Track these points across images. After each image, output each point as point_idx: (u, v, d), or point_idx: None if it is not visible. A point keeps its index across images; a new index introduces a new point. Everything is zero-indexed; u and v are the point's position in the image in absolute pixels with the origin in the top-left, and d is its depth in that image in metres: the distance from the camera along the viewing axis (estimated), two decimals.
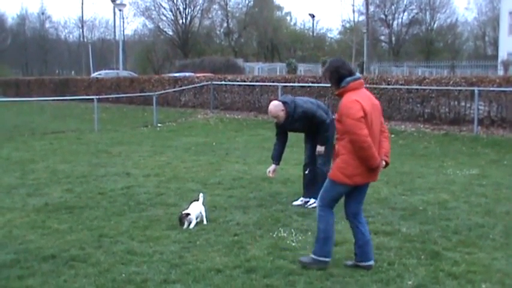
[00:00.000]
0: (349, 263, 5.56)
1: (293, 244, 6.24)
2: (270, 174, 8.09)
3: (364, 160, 5.15)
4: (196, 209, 7.12)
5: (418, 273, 5.32)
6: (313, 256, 5.48)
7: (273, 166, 8.08)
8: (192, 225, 6.94)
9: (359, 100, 5.13)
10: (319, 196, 5.53)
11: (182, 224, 6.92)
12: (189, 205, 7.20)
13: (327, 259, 5.45)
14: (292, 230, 6.73)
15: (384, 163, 5.35)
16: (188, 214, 6.96)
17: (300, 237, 6.47)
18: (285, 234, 6.58)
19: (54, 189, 9.30)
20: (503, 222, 7.10)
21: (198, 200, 7.36)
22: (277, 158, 8.14)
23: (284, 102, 7.84)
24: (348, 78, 5.25)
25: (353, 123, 5.06)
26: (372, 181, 5.48)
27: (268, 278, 5.24)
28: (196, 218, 7.06)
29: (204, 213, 7.21)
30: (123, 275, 5.35)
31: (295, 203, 8.11)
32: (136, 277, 5.29)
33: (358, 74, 5.38)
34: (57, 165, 11.61)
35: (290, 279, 5.20)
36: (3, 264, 5.68)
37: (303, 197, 8.16)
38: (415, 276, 5.23)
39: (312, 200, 7.87)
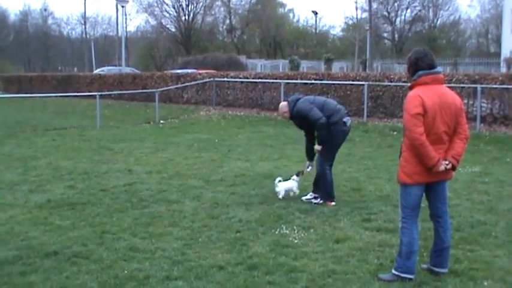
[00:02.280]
0: (424, 266, 5.35)
1: (295, 241, 6.24)
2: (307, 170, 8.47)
3: (420, 158, 4.90)
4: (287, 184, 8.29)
5: (420, 270, 5.31)
6: (394, 272, 5.12)
7: (307, 163, 8.48)
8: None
9: (422, 96, 4.85)
10: (399, 207, 5.20)
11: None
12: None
13: (410, 276, 5.07)
14: (295, 227, 6.73)
15: (449, 165, 4.98)
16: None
17: (302, 234, 6.47)
18: (287, 231, 6.58)
19: (56, 185, 9.31)
20: (506, 219, 7.09)
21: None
22: (306, 156, 8.49)
23: (288, 102, 8.20)
24: (420, 72, 4.96)
25: (408, 119, 4.84)
26: (443, 180, 5.15)
27: (270, 275, 5.24)
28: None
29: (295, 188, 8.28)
30: (125, 271, 5.35)
31: (304, 197, 8.19)
32: (138, 274, 5.29)
33: (437, 69, 5.05)
34: (60, 162, 11.62)
35: (292, 276, 5.20)
36: (6, 260, 5.69)
37: (312, 192, 8.26)
38: (417, 274, 5.22)
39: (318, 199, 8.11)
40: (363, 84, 17.72)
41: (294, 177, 8.40)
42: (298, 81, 20.25)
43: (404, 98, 17.98)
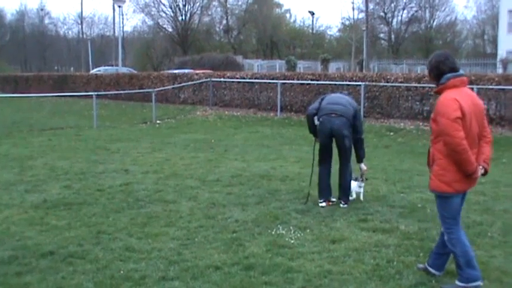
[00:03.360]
0: (421, 266, 5.31)
1: (291, 241, 6.24)
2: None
3: (459, 165, 4.71)
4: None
5: (416, 270, 5.32)
6: (459, 283, 4.90)
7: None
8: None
9: (458, 99, 4.66)
10: (440, 218, 5.00)
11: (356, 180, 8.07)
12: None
13: (478, 282, 4.86)
14: (291, 227, 6.72)
15: (482, 170, 4.84)
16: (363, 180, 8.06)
17: (299, 235, 6.47)
18: (284, 232, 6.57)
19: (52, 185, 9.29)
20: (502, 220, 7.10)
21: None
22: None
23: None
24: (449, 75, 4.80)
25: (448, 123, 4.61)
26: (472, 187, 5.00)
27: (267, 275, 5.24)
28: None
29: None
30: (122, 271, 5.34)
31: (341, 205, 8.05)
32: (134, 274, 5.29)
33: (461, 71, 4.91)
34: (56, 162, 11.60)
35: (288, 277, 5.20)
36: (1, 260, 5.67)
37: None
38: (414, 274, 5.23)
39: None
40: (360, 85, 17.75)
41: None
42: (295, 81, 20.26)
43: (400, 99, 17.94)
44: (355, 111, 7.88)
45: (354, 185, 8.09)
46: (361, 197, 8.09)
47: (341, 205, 7.81)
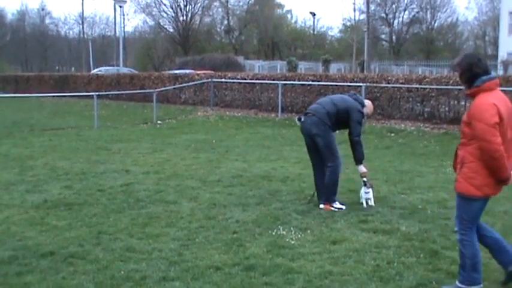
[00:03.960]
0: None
1: (292, 242, 6.24)
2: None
3: (492, 170, 4.59)
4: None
5: (417, 271, 5.32)
6: (460, 285, 4.85)
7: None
8: (366, 203, 7.80)
9: (496, 103, 4.51)
10: (456, 218, 4.92)
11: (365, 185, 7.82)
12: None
13: (479, 286, 4.82)
14: (292, 228, 6.72)
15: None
16: (371, 186, 7.85)
17: (299, 235, 6.47)
18: (284, 232, 6.57)
19: (53, 186, 9.29)
20: (502, 221, 7.10)
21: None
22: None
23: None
24: (484, 77, 4.61)
25: (486, 128, 4.45)
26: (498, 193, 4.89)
27: (267, 275, 5.24)
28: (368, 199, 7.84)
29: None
30: (122, 272, 5.34)
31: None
32: (135, 274, 5.29)
33: (493, 73, 4.79)
34: (57, 162, 11.60)
35: (289, 277, 5.20)
36: (2, 260, 5.67)
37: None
38: (414, 275, 5.22)
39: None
40: (361, 86, 17.72)
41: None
42: (296, 82, 20.27)
43: (401, 100, 17.91)
44: (337, 110, 7.79)
45: (361, 191, 7.97)
46: (370, 203, 7.82)
47: (320, 205, 7.79)
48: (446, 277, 5.19)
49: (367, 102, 8.22)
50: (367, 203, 7.81)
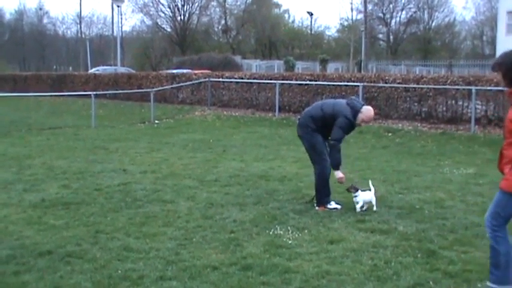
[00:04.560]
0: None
1: (289, 242, 6.24)
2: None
3: None
4: (366, 196, 7.54)
5: (414, 271, 5.32)
6: (492, 285, 4.74)
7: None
8: (357, 208, 7.45)
9: None
10: (491, 215, 4.78)
11: (349, 191, 7.61)
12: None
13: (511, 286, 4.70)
14: (289, 228, 6.72)
15: None
16: (357, 189, 7.49)
17: (297, 235, 6.47)
18: (282, 232, 6.57)
19: (50, 185, 9.29)
20: None
21: (370, 190, 7.66)
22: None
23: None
24: None
25: None
26: None
27: (265, 275, 5.24)
28: (363, 205, 7.52)
29: (374, 202, 7.56)
30: (119, 271, 5.34)
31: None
32: (132, 273, 5.28)
33: None
34: (54, 161, 11.59)
35: (286, 277, 5.20)
36: None
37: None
38: (411, 275, 5.23)
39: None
40: (358, 85, 17.74)
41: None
42: (293, 81, 20.27)
43: (399, 100, 17.95)
44: (323, 114, 7.75)
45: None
46: (357, 209, 7.54)
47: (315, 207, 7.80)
48: (444, 277, 5.20)
49: (365, 108, 7.83)
50: (362, 207, 7.59)
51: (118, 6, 40.48)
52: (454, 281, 5.10)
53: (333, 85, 18.69)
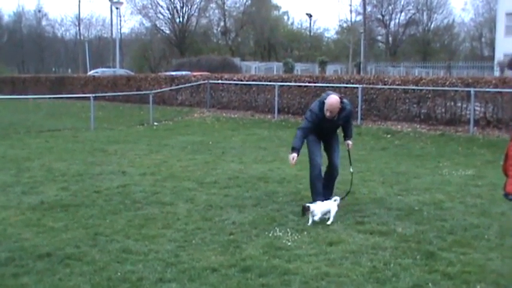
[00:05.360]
0: None
1: (288, 243, 6.24)
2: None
3: None
4: (323, 206, 7.16)
5: (413, 273, 5.32)
6: None
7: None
8: (316, 218, 7.02)
9: None
10: None
11: (304, 215, 7.12)
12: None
13: None
14: (288, 230, 6.72)
15: None
16: (309, 207, 7.07)
17: (296, 237, 6.47)
18: (281, 234, 6.57)
19: (49, 187, 9.28)
20: (499, 222, 7.10)
21: (334, 200, 7.34)
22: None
23: (341, 98, 7.66)
24: None
25: None
26: None
27: (264, 277, 5.24)
28: (323, 214, 7.11)
29: (332, 212, 7.15)
30: (119, 273, 5.34)
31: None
32: (131, 276, 5.28)
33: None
34: (53, 164, 11.58)
35: (285, 279, 5.20)
36: None
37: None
38: (410, 276, 5.23)
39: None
40: (357, 87, 17.77)
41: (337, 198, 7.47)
42: (293, 83, 20.28)
43: (398, 101, 17.93)
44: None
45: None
46: (315, 219, 7.10)
47: None
48: (443, 278, 5.20)
49: (328, 98, 7.54)
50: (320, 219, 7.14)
51: (117, 8, 40.53)
52: (453, 283, 5.10)
53: (332, 87, 18.66)
